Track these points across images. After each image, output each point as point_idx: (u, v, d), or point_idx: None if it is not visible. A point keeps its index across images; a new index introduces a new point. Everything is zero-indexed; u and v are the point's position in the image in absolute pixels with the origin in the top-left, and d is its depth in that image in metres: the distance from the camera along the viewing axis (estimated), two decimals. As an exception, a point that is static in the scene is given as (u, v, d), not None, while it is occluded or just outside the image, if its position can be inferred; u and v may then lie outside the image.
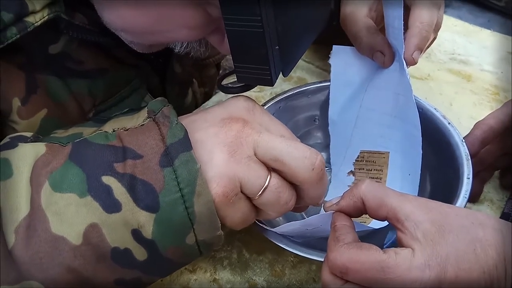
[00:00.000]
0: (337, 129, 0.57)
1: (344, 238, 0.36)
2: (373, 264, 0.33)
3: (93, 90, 0.52)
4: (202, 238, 0.37)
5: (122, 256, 0.36)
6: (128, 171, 0.35)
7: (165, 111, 0.38)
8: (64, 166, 0.36)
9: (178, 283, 0.50)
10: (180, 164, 0.35)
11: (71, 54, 0.49)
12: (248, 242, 0.54)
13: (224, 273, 0.51)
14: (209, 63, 0.73)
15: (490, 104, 0.69)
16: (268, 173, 0.37)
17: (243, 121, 0.38)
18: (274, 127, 0.40)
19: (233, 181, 0.36)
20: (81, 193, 0.35)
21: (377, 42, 0.51)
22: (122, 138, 0.37)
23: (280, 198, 0.38)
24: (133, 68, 0.56)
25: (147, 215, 0.35)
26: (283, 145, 0.37)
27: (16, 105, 0.46)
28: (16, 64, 0.46)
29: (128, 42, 0.47)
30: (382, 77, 0.53)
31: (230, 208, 0.37)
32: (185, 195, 0.35)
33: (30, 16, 0.42)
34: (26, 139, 0.40)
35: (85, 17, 0.46)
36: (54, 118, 0.49)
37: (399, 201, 0.36)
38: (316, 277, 0.51)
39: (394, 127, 0.53)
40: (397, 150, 0.53)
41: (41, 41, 0.46)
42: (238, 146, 0.37)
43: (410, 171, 0.51)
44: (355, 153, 0.56)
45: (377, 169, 0.54)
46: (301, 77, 0.74)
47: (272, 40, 0.36)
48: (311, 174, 0.37)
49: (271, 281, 0.51)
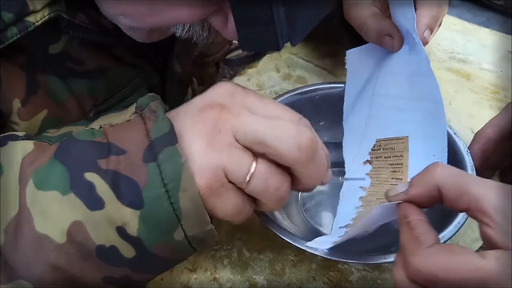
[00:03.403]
0: (351, 121, 0.56)
1: (426, 238, 0.31)
2: (471, 273, 0.28)
3: (93, 90, 0.52)
4: (192, 234, 0.35)
5: (108, 254, 0.35)
6: (111, 167, 0.34)
7: (152, 105, 0.36)
8: (49, 164, 0.36)
9: (178, 282, 0.51)
10: (164, 158, 0.34)
11: (72, 54, 0.49)
12: (248, 241, 0.54)
13: (224, 272, 0.51)
14: (209, 61, 0.73)
15: (489, 103, 0.69)
16: (254, 159, 0.35)
17: (220, 107, 0.36)
18: (262, 107, 0.37)
19: (216, 171, 0.34)
20: (64, 191, 0.34)
21: (385, 26, 0.51)
22: (107, 134, 0.36)
23: (268, 184, 0.35)
24: (134, 68, 0.56)
25: (132, 211, 0.34)
26: (264, 126, 0.34)
27: (16, 106, 0.46)
28: (17, 64, 0.46)
29: (127, 29, 0.45)
30: (392, 62, 0.52)
31: (218, 200, 0.35)
32: (170, 191, 0.34)
33: (31, 15, 0.42)
34: (17, 138, 0.40)
35: (85, 17, 0.46)
36: (55, 119, 0.49)
37: (483, 189, 0.30)
38: (316, 276, 0.51)
39: (412, 110, 0.51)
40: (417, 132, 0.51)
41: (41, 41, 0.46)
42: (217, 134, 0.35)
43: (434, 152, 0.49)
44: (371, 143, 0.54)
45: (396, 155, 0.52)
46: (300, 75, 0.74)
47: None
48: (299, 154, 0.34)
49: (271, 280, 0.51)
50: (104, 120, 0.39)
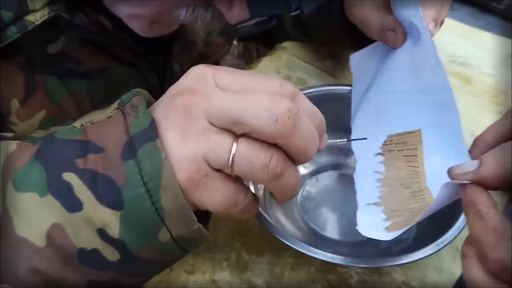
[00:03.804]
0: (359, 121, 0.55)
1: (504, 229, 0.28)
2: None
3: (91, 90, 0.52)
4: (178, 234, 0.34)
5: (90, 257, 0.33)
6: (89, 166, 0.33)
7: (135, 101, 0.34)
8: (28, 165, 0.34)
9: (176, 284, 0.50)
10: (143, 156, 0.32)
11: (70, 54, 0.48)
12: (247, 243, 0.53)
13: (223, 275, 0.51)
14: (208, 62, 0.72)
15: (490, 106, 0.69)
16: (234, 139, 0.32)
17: (189, 92, 0.34)
18: (235, 82, 0.34)
19: (195, 161, 0.32)
20: (42, 192, 0.33)
21: (387, 21, 0.51)
22: (87, 131, 0.35)
23: (254, 163, 0.32)
24: (132, 68, 0.56)
25: (111, 212, 0.32)
26: (236, 103, 0.32)
27: (15, 107, 0.46)
28: (15, 64, 0.45)
29: (128, 20, 0.45)
30: (397, 58, 0.52)
31: (203, 192, 0.33)
32: (150, 189, 0.32)
33: (31, 14, 0.41)
34: (4, 138, 0.39)
35: (85, 16, 0.46)
36: (53, 119, 0.49)
37: None
38: (315, 279, 0.51)
39: (421, 103, 0.51)
40: (430, 124, 0.50)
41: (40, 41, 0.46)
42: (189, 121, 0.33)
43: (450, 142, 0.48)
44: (382, 139, 0.53)
45: (410, 148, 0.51)
46: (300, 77, 0.74)
47: None
48: (278, 127, 0.31)
49: (270, 283, 0.50)
50: (87, 118, 0.38)
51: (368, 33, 0.53)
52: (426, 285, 0.50)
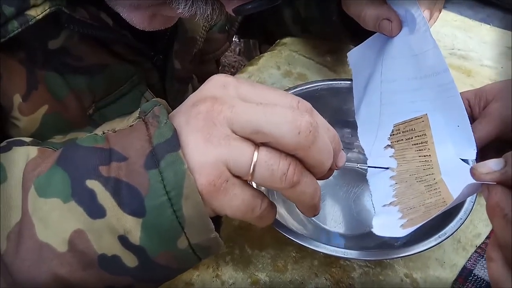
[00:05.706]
0: (363, 114, 0.56)
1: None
2: None
3: (92, 86, 0.52)
4: (196, 242, 0.35)
5: (110, 263, 0.34)
6: (112, 174, 0.34)
7: (156, 110, 0.35)
8: (50, 171, 0.35)
9: (180, 279, 0.50)
10: (166, 165, 0.33)
11: (71, 50, 0.48)
12: (250, 237, 0.54)
13: (226, 269, 0.51)
14: (209, 59, 0.73)
15: (490, 99, 0.69)
16: (255, 148, 0.33)
17: (212, 100, 0.34)
18: (257, 95, 0.35)
19: (217, 166, 0.33)
20: (65, 198, 0.34)
21: (382, 11, 0.51)
22: (109, 139, 0.35)
23: (274, 171, 0.33)
24: (133, 65, 0.56)
25: (134, 220, 0.33)
26: (259, 114, 0.33)
27: (17, 101, 0.46)
28: (17, 59, 0.45)
29: (128, 14, 0.45)
30: (394, 47, 0.52)
31: (224, 197, 0.34)
32: (172, 198, 0.33)
33: (32, 9, 0.41)
34: (23, 143, 0.39)
35: (86, 12, 0.46)
36: (55, 114, 0.49)
37: None
38: (318, 272, 0.51)
39: (424, 87, 0.51)
40: (436, 107, 0.51)
41: (41, 36, 0.45)
42: (212, 127, 0.33)
43: (458, 122, 0.49)
44: (389, 129, 0.53)
45: (418, 135, 0.51)
46: (301, 73, 0.74)
47: None
48: (299, 139, 0.33)
49: (273, 277, 0.51)
50: (108, 125, 0.39)
51: (364, 24, 0.53)
52: (429, 277, 0.51)
